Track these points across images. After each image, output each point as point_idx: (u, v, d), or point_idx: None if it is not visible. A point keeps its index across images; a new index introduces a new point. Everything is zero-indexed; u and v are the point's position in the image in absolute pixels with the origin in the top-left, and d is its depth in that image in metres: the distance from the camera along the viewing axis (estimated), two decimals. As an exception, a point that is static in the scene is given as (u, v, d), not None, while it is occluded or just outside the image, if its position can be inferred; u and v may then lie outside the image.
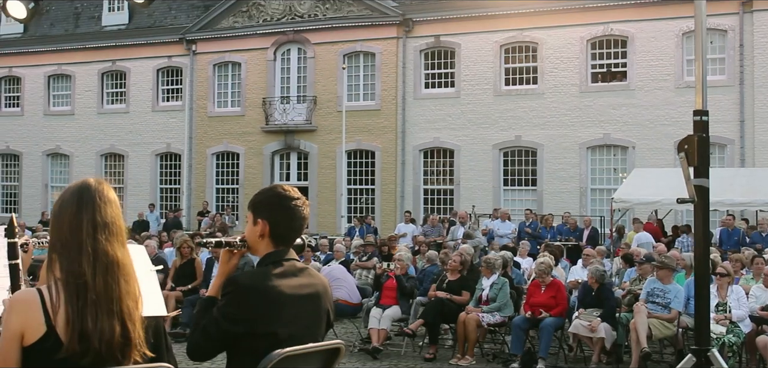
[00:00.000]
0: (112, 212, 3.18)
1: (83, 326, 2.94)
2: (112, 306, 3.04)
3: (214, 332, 3.76)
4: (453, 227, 25.49)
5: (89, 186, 3.19)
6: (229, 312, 3.74)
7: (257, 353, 3.64)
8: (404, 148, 32.37)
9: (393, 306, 13.70)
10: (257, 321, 3.73)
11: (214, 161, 35.71)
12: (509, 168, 31.24)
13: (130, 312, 3.11)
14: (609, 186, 29.11)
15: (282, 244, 3.99)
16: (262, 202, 4.05)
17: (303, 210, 4.03)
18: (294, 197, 4.02)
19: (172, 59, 36.25)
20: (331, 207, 32.85)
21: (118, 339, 3.03)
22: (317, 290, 3.99)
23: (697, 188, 5.48)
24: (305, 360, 3.81)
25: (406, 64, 32.24)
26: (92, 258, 3.04)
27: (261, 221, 3.98)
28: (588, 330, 12.26)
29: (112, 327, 3.02)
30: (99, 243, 3.08)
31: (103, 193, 3.18)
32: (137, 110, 36.84)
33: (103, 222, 3.12)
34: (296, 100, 33.96)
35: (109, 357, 3.01)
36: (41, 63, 38.39)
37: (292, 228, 4.00)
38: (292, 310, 3.83)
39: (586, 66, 29.85)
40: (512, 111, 30.63)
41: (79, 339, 2.93)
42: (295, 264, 3.97)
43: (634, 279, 13.99)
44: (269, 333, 3.73)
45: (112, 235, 3.14)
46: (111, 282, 3.07)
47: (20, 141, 39.04)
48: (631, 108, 28.96)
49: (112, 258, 3.10)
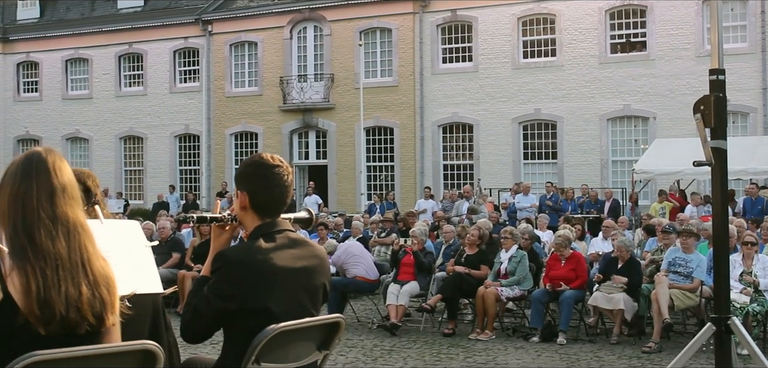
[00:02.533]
0: (68, 175, 3.04)
1: (46, 293, 2.78)
2: (78, 269, 2.88)
3: (205, 311, 3.61)
4: (457, 202, 25.32)
5: (38, 154, 3.04)
6: (218, 288, 3.59)
7: (251, 330, 3.49)
8: (423, 124, 32.18)
9: (411, 281, 13.54)
10: (248, 296, 3.58)
11: (232, 141, 35.64)
12: (529, 141, 31.03)
13: (103, 275, 2.95)
14: (630, 157, 28.79)
15: (267, 215, 3.80)
16: (241, 173, 3.88)
17: (284, 178, 3.82)
18: (272, 164, 3.82)
19: (189, 40, 36.19)
20: (351, 185, 32.73)
21: (89, 303, 2.87)
22: (312, 262, 3.82)
23: (715, 150, 5.28)
24: (302, 335, 3.67)
25: (423, 40, 32.00)
26: (51, 223, 2.89)
27: (240, 193, 3.83)
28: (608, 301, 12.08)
29: (80, 290, 2.85)
30: (58, 206, 2.93)
31: (55, 161, 3.04)
32: (155, 92, 36.81)
33: (60, 185, 2.97)
34: (313, 78, 33.84)
35: (81, 321, 2.86)
36: (58, 47, 38.44)
37: (272, 197, 3.80)
38: (284, 284, 3.66)
39: (605, 37, 29.54)
40: (531, 84, 30.37)
41: (41, 305, 2.78)
42: (288, 236, 3.79)
43: (655, 250, 13.77)
44: (262, 308, 3.58)
45: (71, 198, 2.99)
46: (75, 244, 2.91)
47: (39, 126, 39.12)
48: (651, 78, 28.64)
49: (74, 221, 2.95)
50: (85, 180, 4.38)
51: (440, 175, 32.18)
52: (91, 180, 4.42)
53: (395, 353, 11.55)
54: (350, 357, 11.31)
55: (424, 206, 25.95)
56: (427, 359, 11.12)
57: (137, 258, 3.97)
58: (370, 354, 11.45)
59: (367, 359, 11.18)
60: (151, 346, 2.99)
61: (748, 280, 11.57)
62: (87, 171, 4.51)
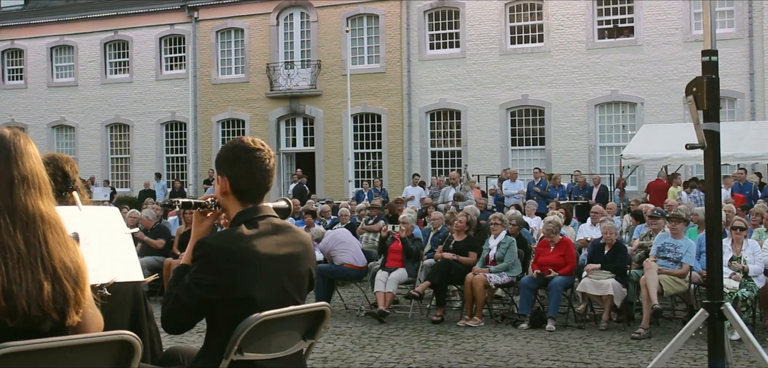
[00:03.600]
0: (31, 164, 2.88)
1: (9, 286, 2.65)
2: (37, 264, 2.75)
3: (186, 300, 3.49)
4: (443, 189, 25.26)
5: (2, 138, 2.88)
6: (200, 277, 3.47)
7: (235, 320, 3.39)
8: (410, 111, 32.08)
9: (399, 268, 13.46)
10: (230, 285, 3.47)
11: (219, 129, 35.48)
12: (517, 127, 30.96)
13: (66, 268, 2.82)
14: (618, 143, 28.76)
15: (249, 201, 3.70)
16: (221, 157, 3.76)
17: (265, 162, 3.71)
18: (253, 148, 3.71)
19: (175, 27, 35.97)
20: (339, 172, 32.63)
21: (50, 298, 2.74)
22: (296, 249, 3.71)
23: (708, 133, 5.19)
24: (287, 323, 3.57)
25: (410, 26, 31.88)
26: (8, 215, 2.75)
27: (221, 178, 3.72)
28: (597, 287, 12.02)
29: (40, 285, 2.72)
30: (16, 198, 2.79)
31: (19, 145, 2.88)
32: (141, 79, 36.59)
33: (21, 175, 2.82)
34: (300, 65, 33.70)
35: (44, 318, 2.73)
36: (43, 35, 38.16)
37: (254, 182, 3.69)
38: (268, 272, 3.55)
39: (593, 22, 29.47)
40: (518, 70, 30.29)
41: (6, 297, 2.65)
42: (271, 222, 3.68)
43: (644, 235, 13.71)
44: (245, 297, 3.47)
45: (32, 188, 2.84)
46: (33, 239, 2.77)
47: (24, 113, 38.82)
48: (639, 64, 28.59)
49: (33, 213, 2.80)
50: (64, 165, 4.28)
51: (428, 162, 32.09)
52: (70, 165, 4.32)
53: (383, 340, 11.47)
54: (338, 344, 11.22)
55: (412, 193, 25.86)
56: (416, 346, 11.04)
57: (117, 246, 3.87)
58: (358, 342, 11.36)
59: (355, 346, 11.09)
60: (128, 336, 2.88)
61: (737, 266, 11.53)
62: (65, 156, 4.41)
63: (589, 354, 10.43)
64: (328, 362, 10.19)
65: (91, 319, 2.94)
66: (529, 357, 10.33)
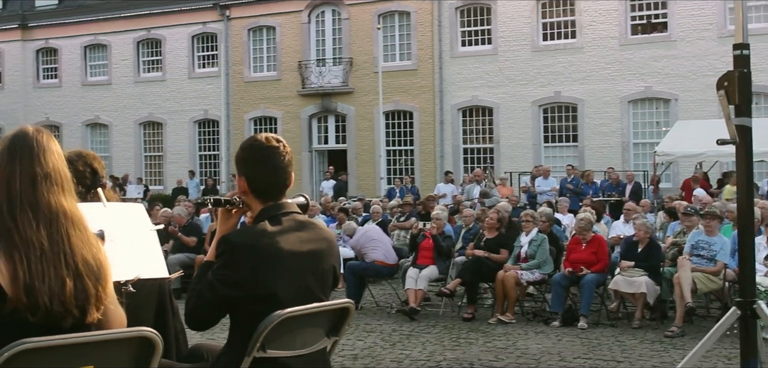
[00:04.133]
0: (54, 161, 2.89)
1: (31, 282, 2.66)
2: (60, 260, 2.75)
3: (209, 296, 3.47)
4: (468, 186, 25.17)
5: (25, 135, 2.89)
6: (223, 274, 3.45)
7: (258, 316, 3.37)
8: (442, 108, 32.00)
9: (430, 266, 13.41)
10: (254, 282, 3.44)
11: (251, 126, 35.56)
12: (549, 124, 30.78)
13: (88, 265, 2.82)
14: (652, 140, 28.49)
15: (268, 199, 3.66)
16: (238, 157, 3.74)
17: (280, 159, 3.66)
18: (266, 146, 3.67)
19: (207, 25, 36.13)
20: (371, 169, 32.60)
21: (72, 294, 2.75)
22: (320, 246, 3.68)
23: (739, 128, 5.11)
24: (310, 320, 3.54)
25: (442, 23, 31.79)
26: (31, 211, 2.76)
27: (239, 177, 3.70)
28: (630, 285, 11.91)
29: (63, 281, 2.73)
30: (40, 194, 2.80)
31: (42, 142, 2.89)
32: (174, 78, 36.81)
33: (43, 172, 2.83)
34: (332, 63, 33.71)
35: (65, 314, 2.74)
36: (77, 34, 38.48)
37: (269, 180, 3.66)
38: (291, 268, 3.53)
39: (626, 18, 29.24)
40: (551, 66, 30.12)
41: (27, 293, 2.66)
42: (295, 218, 3.66)
43: (677, 233, 13.57)
44: (268, 294, 3.44)
45: (55, 185, 2.85)
46: (56, 236, 2.78)
47: (59, 112, 39.21)
48: (673, 59, 28.32)
49: (57, 210, 2.81)
50: (92, 162, 4.29)
51: (460, 159, 31.99)
52: (98, 162, 4.33)
53: (414, 338, 11.43)
54: (368, 341, 11.20)
55: (443, 190, 25.80)
56: (446, 343, 10.99)
57: (142, 243, 3.88)
58: (388, 339, 11.33)
59: (385, 344, 11.06)
60: (148, 333, 2.87)
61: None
62: (93, 153, 4.42)
63: (622, 352, 10.33)
64: (358, 359, 10.16)
65: (113, 316, 2.94)
66: (561, 355, 10.25)
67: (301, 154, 34.33)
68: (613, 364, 9.73)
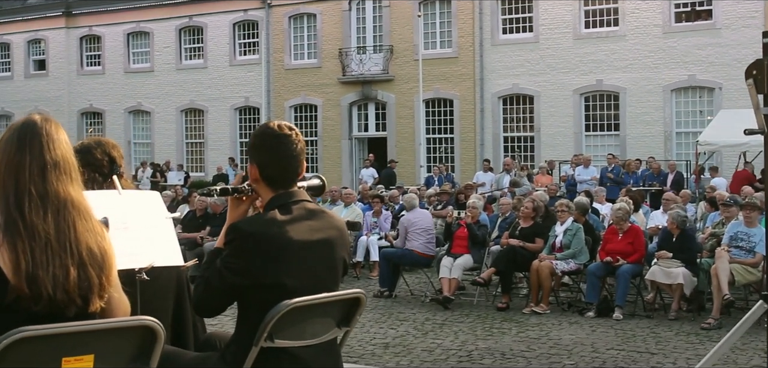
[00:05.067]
0: (62, 150, 2.89)
1: (34, 271, 2.66)
2: (66, 249, 2.75)
3: (217, 284, 3.45)
4: (498, 176, 25.05)
5: (33, 124, 2.89)
6: (230, 262, 3.43)
7: (265, 305, 3.34)
8: (483, 96, 31.83)
9: (464, 254, 13.34)
10: (261, 270, 3.41)
11: (292, 114, 35.64)
12: (591, 113, 30.50)
13: (92, 254, 2.81)
14: (695, 129, 28.13)
15: (279, 187, 3.62)
16: (250, 144, 3.72)
17: (292, 147, 3.62)
18: (278, 134, 3.62)
19: (248, 13, 36.23)
20: (411, 157, 32.53)
21: (76, 283, 2.75)
22: (330, 234, 3.64)
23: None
24: (319, 310, 3.51)
25: (482, 10, 31.58)
26: (40, 200, 2.76)
27: (251, 165, 3.67)
28: (666, 275, 11.77)
29: (67, 271, 2.73)
30: (49, 183, 2.80)
31: (51, 131, 2.89)
32: (215, 65, 36.96)
33: (53, 161, 2.83)
34: (372, 50, 33.66)
35: (69, 303, 2.74)
36: (120, 21, 38.78)
37: (281, 168, 3.61)
38: (300, 258, 3.49)
39: (670, 5, 28.85)
40: (593, 54, 29.83)
41: (30, 282, 2.66)
42: (305, 206, 3.62)
43: (716, 223, 13.38)
44: (276, 283, 3.41)
45: (63, 174, 2.85)
46: (63, 225, 2.78)
47: (102, 99, 39.58)
48: (717, 48, 27.90)
49: (65, 199, 2.82)
50: (111, 150, 4.29)
51: (500, 147, 31.80)
52: (117, 151, 4.33)
53: (446, 327, 11.39)
54: (401, 330, 11.18)
55: (482, 179, 25.70)
56: (479, 333, 10.94)
57: (157, 231, 3.86)
58: (421, 328, 11.30)
59: (417, 332, 11.04)
60: (150, 322, 2.85)
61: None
62: (112, 141, 4.42)
63: (656, 343, 10.22)
64: (389, 348, 10.15)
65: (117, 304, 2.93)
66: (594, 346, 10.15)
67: (341, 142, 34.37)
68: (646, 356, 9.63)
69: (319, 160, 34.80)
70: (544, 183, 22.80)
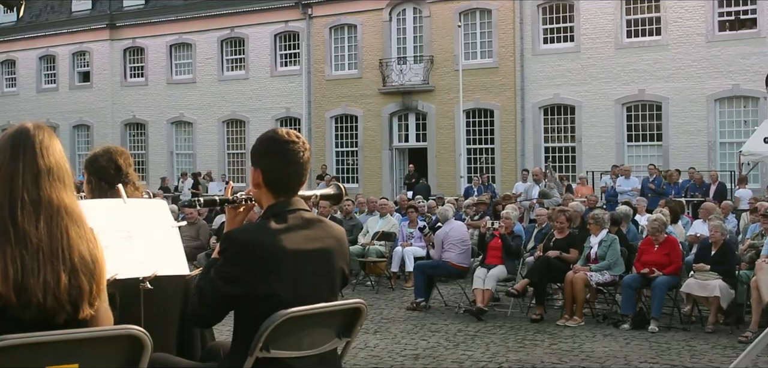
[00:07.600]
0: (56, 157, 2.87)
1: (24, 280, 2.63)
2: (58, 256, 2.72)
3: (210, 294, 3.40)
4: (527, 186, 24.86)
5: (26, 132, 2.86)
6: (224, 271, 3.38)
7: (260, 316, 3.28)
8: (523, 106, 31.65)
9: (498, 265, 13.22)
10: (254, 280, 3.36)
11: (332, 124, 35.74)
12: (633, 123, 30.18)
13: (84, 261, 2.78)
14: (739, 139, 27.69)
15: (281, 194, 3.57)
16: (255, 149, 3.66)
17: (299, 155, 3.58)
18: (287, 140, 3.58)
19: (289, 24, 36.35)
20: (451, 168, 32.45)
21: (66, 290, 2.71)
22: (327, 245, 3.57)
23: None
24: (317, 321, 3.44)
25: (523, 20, 31.43)
26: (33, 206, 2.74)
27: (254, 170, 3.62)
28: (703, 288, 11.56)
29: (58, 276, 2.70)
30: (42, 190, 2.77)
31: (44, 139, 2.86)
32: (256, 76, 37.13)
33: (46, 167, 2.80)
34: (413, 61, 33.61)
35: (58, 310, 2.70)
36: (163, 33, 39.12)
37: (286, 175, 3.56)
38: (295, 267, 3.43)
39: (713, 14, 28.49)
40: (635, 64, 29.53)
41: (17, 291, 2.63)
42: (302, 216, 3.56)
43: (756, 235, 13.14)
44: (269, 293, 3.35)
45: (56, 180, 2.82)
46: (56, 231, 2.75)
47: (145, 110, 39.95)
48: (762, 56, 27.43)
49: (58, 205, 2.79)
50: (117, 158, 4.29)
51: (541, 158, 31.51)
52: (123, 158, 4.33)
53: (478, 338, 11.28)
54: (432, 341, 11.09)
55: (521, 189, 25.52)
56: (511, 345, 10.82)
57: (162, 239, 3.84)
58: (452, 340, 11.21)
59: (448, 344, 10.95)
60: (136, 332, 2.80)
61: None
62: (120, 148, 4.43)
63: (691, 357, 10.04)
64: (418, 359, 10.07)
65: (103, 315, 2.90)
66: (627, 358, 10.00)
67: (381, 152, 34.34)
68: (679, 369, 9.45)
69: (359, 171, 34.83)
70: (584, 193, 22.58)
